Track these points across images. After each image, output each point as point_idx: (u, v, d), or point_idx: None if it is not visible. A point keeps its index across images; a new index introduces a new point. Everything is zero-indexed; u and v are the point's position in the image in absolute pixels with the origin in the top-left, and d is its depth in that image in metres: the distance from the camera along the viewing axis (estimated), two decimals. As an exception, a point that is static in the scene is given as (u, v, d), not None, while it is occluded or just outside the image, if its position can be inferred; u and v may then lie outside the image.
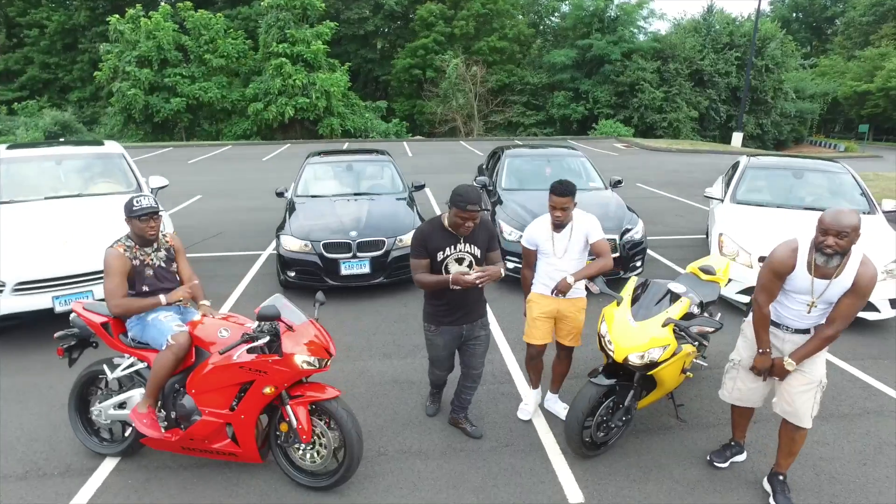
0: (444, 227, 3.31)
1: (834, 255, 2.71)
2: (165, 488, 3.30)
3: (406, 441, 3.75)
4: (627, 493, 3.25)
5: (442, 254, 3.30)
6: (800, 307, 2.94)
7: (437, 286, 3.30)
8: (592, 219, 3.68)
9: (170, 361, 3.13)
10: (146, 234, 3.34)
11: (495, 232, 3.49)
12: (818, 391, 3.03)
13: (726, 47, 32.81)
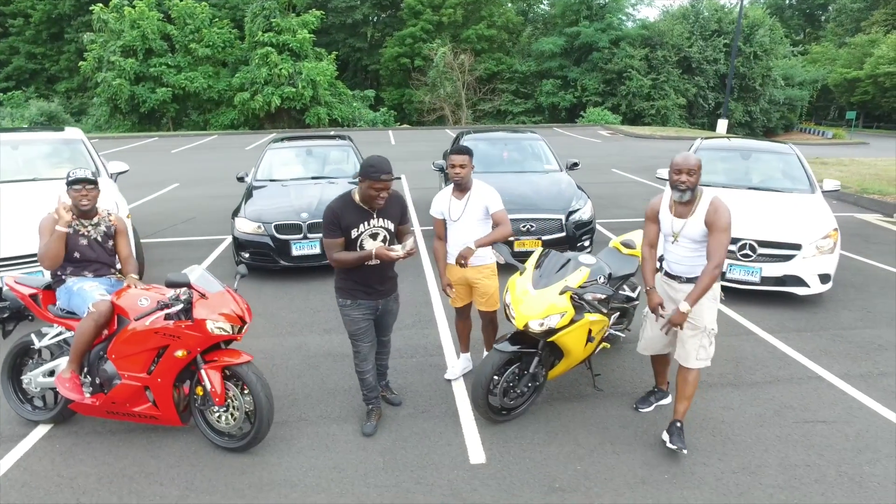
0: (356, 202, 3.29)
1: (685, 191, 3.21)
2: (92, 452, 3.47)
3: (328, 408, 3.93)
4: (528, 455, 3.43)
5: (356, 231, 3.29)
6: (670, 246, 3.42)
7: (358, 262, 3.27)
8: (492, 190, 3.85)
9: (90, 328, 3.30)
10: (79, 204, 3.54)
11: (406, 205, 3.58)
12: (704, 336, 3.38)
13: (714, 34, 32.84)
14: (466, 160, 3.72)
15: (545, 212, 6.45)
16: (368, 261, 3.27)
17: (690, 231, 3.28)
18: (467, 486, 3.16)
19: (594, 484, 3.18)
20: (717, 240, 3.21)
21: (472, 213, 3.80)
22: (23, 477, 3.25)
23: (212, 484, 3.17)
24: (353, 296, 3.45)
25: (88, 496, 3.09)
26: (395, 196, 3.45)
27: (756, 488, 3.15)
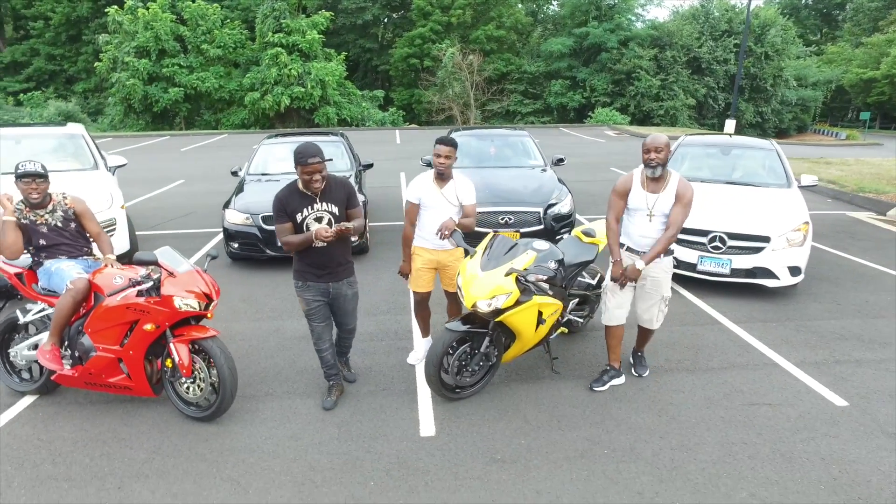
0: (300, 189, 3.52)
1: (656, 167, 3.61)
2: (71, 419, 3.72)
3: (294, 385, 4.15)
4: (476, 430, 3.61)
5: (300, 215, 3.50)
6: (642, 221, 3.77)
7: (303, 244, 3.49)
8: (470, 184, 4.07)
9: (68, 303, 3.55)
10: (29, 197, 3.74)
11: (353, 190, 3.72)
12: (662, 303, 3.97)
13: (725, 34, 32.65)
14: (451, 151, 3.90)
15: (524, 205, 6.62)
16: (314, 242, 3.47)
17: (663, 205, 3.69)
18: (413, 455, 3.35)
19: (534, 457, 3.35)
20: (679, 211, 3.68)
21: (452, 201, 3.99)
22: (6, 440, 3.51)
23: (177, 449, 3.40)
24: (305, 278, 3.68)
25: (63, 458, 3.34)
26: (341, 182, 3.68)
27: (690, 463, 3.30)
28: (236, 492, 3.05)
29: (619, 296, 3.95)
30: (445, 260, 4.11)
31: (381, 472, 3.21)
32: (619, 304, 3.98)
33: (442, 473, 3.20)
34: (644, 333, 4.21)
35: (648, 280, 3.90)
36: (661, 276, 3.87)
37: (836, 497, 3.02)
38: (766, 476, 3.19)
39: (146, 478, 3.16)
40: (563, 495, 3.03)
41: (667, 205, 3.70)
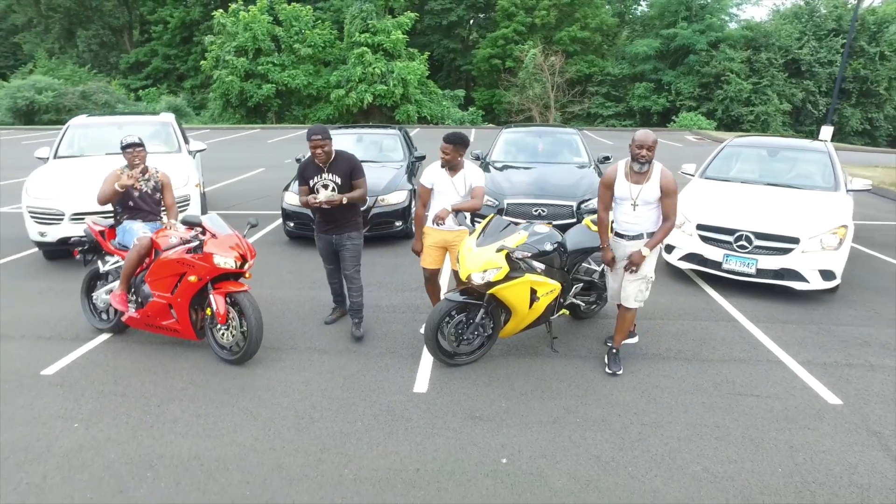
0: (315, 162, 4.47)
1: (644, 163, 3.85)
2: (132, 354, 4.48)
3: (316, 342, 4.71)
4: (464, 391, 3.99)
5: (312, 181, 4.50)
6: (628, 210, 4.01)
7: (304, 204, 4.54)
8: (478, 170, 4.47)
9: (134, 256, 4.30)
10: (132, 163, 4.58)
11: (358, 164, 4.56)
12: (643, 282, 4.13)
13: (831, 34, 30.43)
14: (450, 148, 4.34)
15: (558, 198, 6.87)
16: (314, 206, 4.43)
17: (647, 195, 3.93)
18: (401, 406, 3.79)
19: (510, 418, 3.69)
20: (671, 202, 3.93)
21: (459, 189, 4.42)
22: (84, 364, 4.31)
23: (208, 382, 4.04)
24: (318, 229, 4.74)
25: (121, 380, 4.07)
26: (347, 157, 4.58)
27: (655, 437, 3.51)
28: (248, 418, 3.62)
29: (616, 278, 4.24)
30: (452, 240, 4.51)
31: (369, 416, 3.67)
32: (617, 288, 4.25)
33: (422, 423, 3.61)
34: (622, 316, 4.26)
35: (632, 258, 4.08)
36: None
37: (790, 480, 3.14)
38: (727, 455, 3.35)
39: (179, 401, 3.81)
40: (524, 450, 3.36)
41: (651, 195, 3.92)
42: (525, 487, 3.05)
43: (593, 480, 3.12)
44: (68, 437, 3.42)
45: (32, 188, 6.47)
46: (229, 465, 3.18)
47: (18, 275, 6.36)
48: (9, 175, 13.30)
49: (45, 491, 2.97)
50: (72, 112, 27.97)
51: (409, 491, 3.00)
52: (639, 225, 4.02)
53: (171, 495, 2.95)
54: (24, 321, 5.10)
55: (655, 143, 3.82)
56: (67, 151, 7.50)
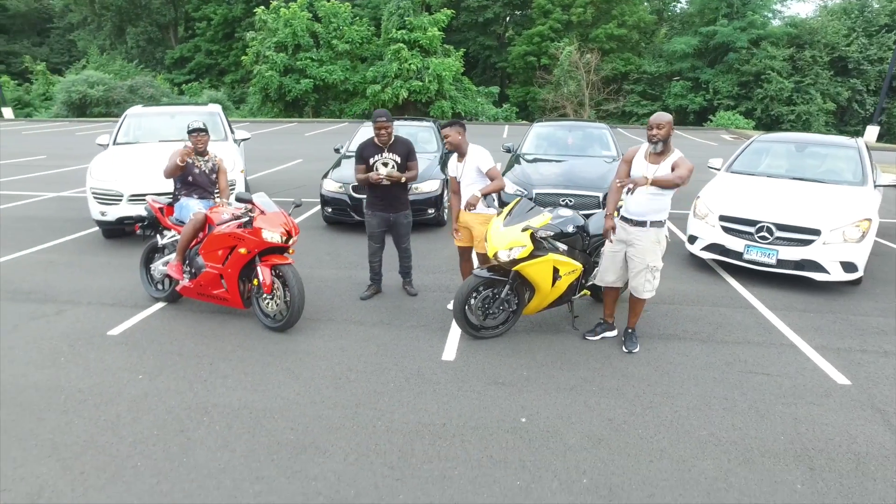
0: (375, 142, 4.96)
1: (658, 142, 3.97)
2: (185, 320, 4.92)
3: (354, 315, 5.08)
4: (489, 361, 4.30)
5: (372, 159, 4.98)
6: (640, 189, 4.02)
7: (364, 181, 4.98)
8: (483, 153, 4.75)
9: (189, 229, 4.73)
10: (196, 146, 5.04)
11: (412, 148, 5.08)
12: (648, 272, 4.27)
13: (883, 30, 29.44)
14: (449, 131, 4.70)
15: (585, 189, 7.10)
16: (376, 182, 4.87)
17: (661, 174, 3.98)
18: (430, 371, 4.12)
19: (530, 385, 3.98)
20: (681, 167, 3.91)
21: (469, 172, 4.75)
22: (144, 327, 4.77)
23: (254, 346, 4.45)
24: (372, 208, 5.17)
25: (178, 342, 4.50)
26: (404, 140, 5.09)
27: (666, 405, 3.76)
28: (289, 377, 4.00)
29: (610, 260, 4.41)
30: (472, 223, 4.84)
31: (400, 378, 4.02)
32: (607, 268, 4.46)
33: (448, 386, 3.93)
34: (634, 304, 4.45)
35: (635, 247, 4.22)
36: (645, 245, 4.18)
37: (790, 446, 3.35)
38: (733, 423, 3.57)
39: (229, 361, 4.21)
40: (542, 412, 3.65)
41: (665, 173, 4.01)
42: (542, 443, 3.34)
43: (605, 439, 3.39)
44: (134, 386, 3.85)
45: (95, 171, 7.03)
46: (275, 414, 3.56)
47: (81, 251, 6.92)
48: (68, 163, 14.15)
49: (119, 427, 3.40)
50: (120, 105, 29.25)
51: (436, 441, 3.32)
52: (644, 207, 4.12)
53: (224, 435, 3.34)
54: (88, 290, 5.61)
55: (669, 123, 3.94)
56: (125, 138, 8.08)
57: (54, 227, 7.95)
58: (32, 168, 13.25)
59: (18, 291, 5.55)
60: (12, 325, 4.79)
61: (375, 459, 3.15)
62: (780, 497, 2.93)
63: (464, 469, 3.09)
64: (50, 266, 6.34)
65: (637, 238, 4.23)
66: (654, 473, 3.10)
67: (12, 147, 17.59)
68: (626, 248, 4.31)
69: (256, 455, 3.17)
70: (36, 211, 8.97)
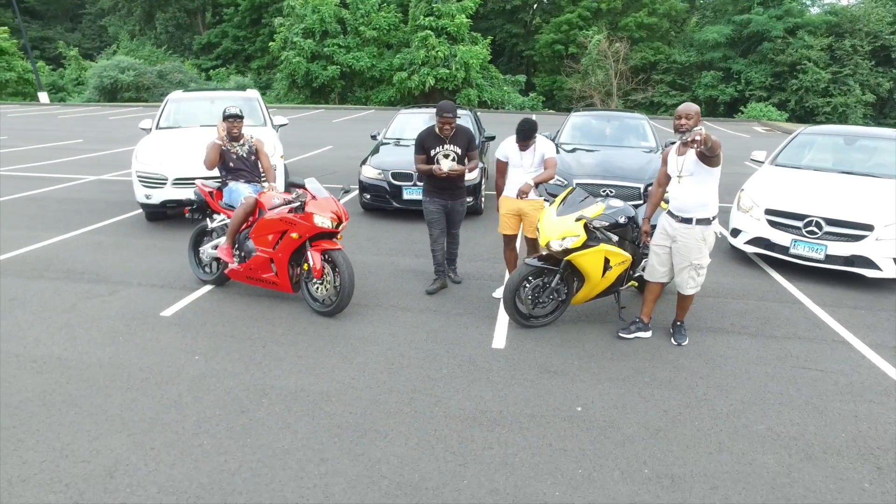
0: (436, 133, 4.89)
1: (685, 132, 3.78)
2: (235, 302, 5.00)
3: (400, 301, 5.11)
4: (539, 350, 4.30)
5: (433, 151, 4.92)
6: (674, 183, 4.09)
7: (426, 172, 4.97)
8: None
9: (240, 213, 4.79)
10: (231, 132, 5.07)
11: (473, 138, 5.04)
12: (691, 269, 4.20)
13: (932, 16, 28.38)
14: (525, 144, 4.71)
15: (626, 180, 7.03)
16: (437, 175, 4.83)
17: (689, 165, 3.96)
18: (481, 359, 4.14)
19: (582, 374, 3.98)
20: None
21: (533, 161, 4.74)
22: (195, 309, 4.86)
23: (305, 329, 4.50)
24: (431, 195, 5.13)
25: (230, 324, 4.58)
26: (465, 131, 5.04)
27: (720, 399, 3.73)
28: (343, 361, 4.05)
29: (656, 256, 4.33)
30: (526, 209, 4.85)
31: (453, 365, 4.04)
32: (653, 264, 4.36)
33: (502, 373, 3.95)
34: (682, 299, 4.41)
35: (679, 243, 4.13)
36: (689, 243, 4.09)
37: (853, 443, 3.31)
38: (790, 419, 3.53)
39: (282, 344, 4.28)
40: (597, 402, 3.65)
41: (692, 164, 3.94)
42: (599, 432, 3.34)
43: (662, 430, 3.38)
44: (192, 367, 3.93)
45: (141, 155, 7.14)
46: (332, 397, 3.61)
47: (126, 232, 7.06)
48: (104, 147, 14.40)
49: (182, 406, 3.48)
50: (149, 90, 29.65)
51: (494, 428, 3.34)
52: (685, 203, 4.03)
53: (285, 417, 3.39)
54: (137, 271, 5.72)
55: (697, 113, 3.84)
56: (167, 123, 8.19)
57: (98, 210, 8.11)
58: (72, 152, 13.52)
59: (73, 271, 5.69)
60: (70, 304, 4.91)
61: (436, 445, 3.18)
62: (847, 496, 2.89)
63: (525, 456, 3.10)
64: (98, 247, 6.48)
65: (682, 235, 4.13)
66: (715, 466, 3.08)
67: (51, 131, 17.96)
68: (671, 244, 4.25)
69: (318, 437, 3.22)
70: (79, 193, 9.16)
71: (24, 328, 4.47)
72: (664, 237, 4.28)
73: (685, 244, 4.11)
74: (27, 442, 3.12)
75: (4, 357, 4.03)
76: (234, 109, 5.08)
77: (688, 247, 4.11)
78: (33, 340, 4.27)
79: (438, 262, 5.31)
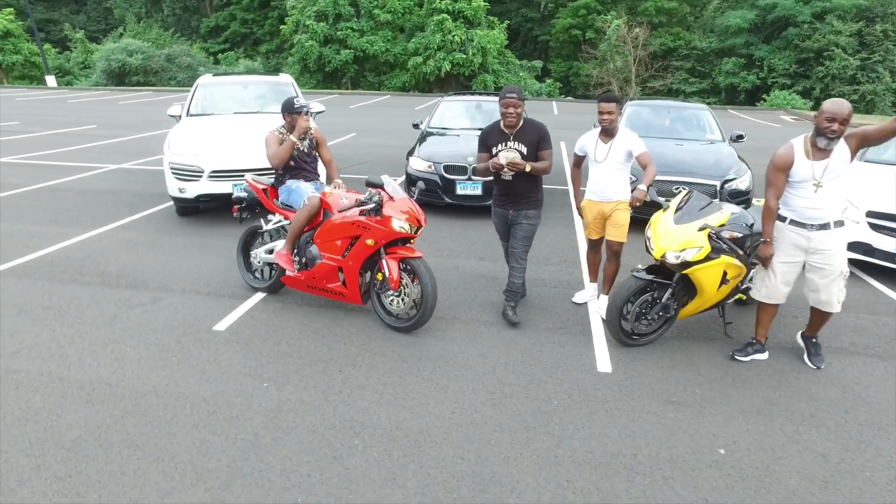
0: (500, 128, 4.16)
1: (834, 139, 3.33)
2: (294, 314, 4.47)
3: (478, 314, 4.58)
4: (651, 374, 3.78)
5: (496, 148, 4.16)
6: (808, 193, 3.50)
7: (485, 170, 4.21)
8: (635, 137, 4.25)
9: (304, 216, 4.24)
10: (298, 124, 4.48)
11: (546, 134, 4.14)
12: (840, 279, 3.64)
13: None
14: (614, 108, 4.16)
15: (700, 177, 6.46)
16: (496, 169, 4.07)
17: (836, 167, 3.42)
18: (592, 385, 3.61)
19: (709, 405, 3.45)
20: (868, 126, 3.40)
21: (615, 156, 4.25)
22: (250, 322, 4.33)
23: (382, 349, 3.97)
24: (494, 202, 4.43)
25: (294, 342, 4.05)
26: (535, 124, 4.17)
27: (882, 440, 3.20)
28: (436, 390, 3.52)
29: (784, 273, 3.72)
30: (610, 210, 4.35)
31: (561, 393, 3.51)
32: (786, 281, 3.75)
33: (620, 404, 3.42)
34: (822, 318, 3.84)
35: (821, 254, 3.59)
36: (835, 250, 3.56)
37: None
38: (973, 466, 3.01)
39: (360, 367, 3.75)
40: (739, 442, 3.12)
41: (839, 166, 3.40)
42: (756, 483, 2.82)
43: (830, 482, 2.85)
44: (263, 397, 3.41)
45: (174, 145, 6.58)
46: (435, 437, 3.09)
47: (157, 229, 6.53)
48: (120, 133, 13.82)
49: (261, 450, 2.96)
50: (158, 74, 28.96)
51: (634, 477, 2.82)
52: (823, 210, 3.52)
53: (387, 464, 2.87)
54: (178, 275, 5.20)
55: (850, 114, 3.28)
56: (198, 110, 7.60)
57: (124, 202, 7.57)
58: (87, 138, 12.95)
59: (108, 275, 5.17)
60: (112, 315, 4.39)
61: (576, 500, 2.66)
62: None
63: (686, 519, 2.59)
64: (131, 246, 5.95)
65: (823, 244, 3.59)
66: (913, 533, 2.56)
67: (62, 116, 17.37)
68: (804, 258, 3.69)
69: (433, 491, 2.70)
70: (101, 183, 8.61)
71: (65, 345, 3.95)
72: (794, 252, 3.69)
73: (830, 252, 3.58)
74: (89, 497, 2.61)
75: (48, 381, 3.51)
76: (302, 100, 4.52)
77: (833, 254, 3.59)
78: (77, 361, 3.75)
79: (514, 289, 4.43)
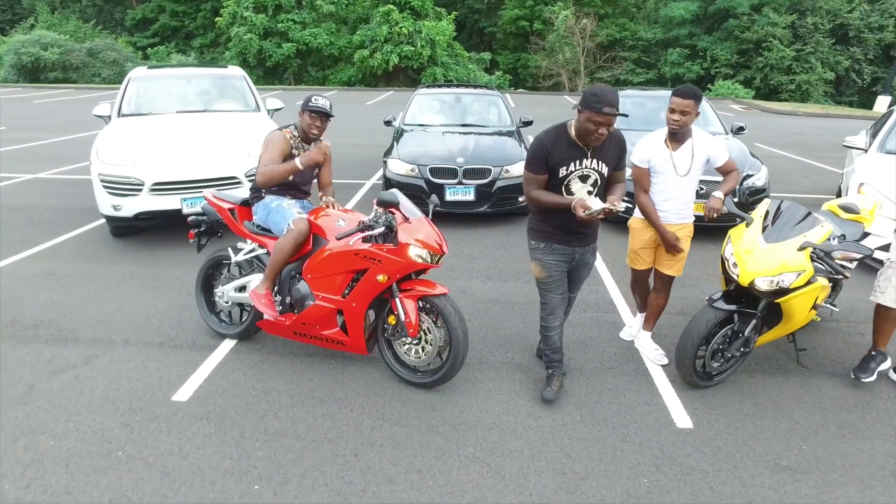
0: (570, 136, 2.85)
1: None
2: (277, 371, 3.48)
3: (507, 354, 3.73)
4: (740, 426, 3.05)
5: (565, 169, 2.86)
6: None
7: (555, 207, 2.89)
8: (714, 140, 3.40)
9: (289, 245, 3.27)
10: (310, 131, 3.48)
11: (626, 148, 3.04)
12: None
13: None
14: (691, 105, 3.15)
15: (717, 174, 5.83)
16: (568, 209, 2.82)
17: None
18: (679, 450, 2.84)
19: (829, 469, 2.75)
20: None
21: (683, 165, 3.31)
22: (221, 384, 3.32)
23: (403, 416, 3.06)
24: (549, 239, 3.07)
25: (285, 412, 3.08)
26: (617, 137, 2.98)
27: None
28: (489, 473, 2.66)
29: None
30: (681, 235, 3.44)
31: (648, 466, 2.72)
32: None
33: (723, 476, 2.67)
34: None
35: None
36: None
37: None
38: None
39: (380, 447, 2.83)
40: (894, 526, 2.43)
41: None
42: None
43: None
44: (254, 504, 2.45)
45: (105, 152, 5.38)
46: (505, 553, 2.23)
47: (87, 256, 5.33)
48: (35, 137, 12.13)
49: None
50: (79, 70, 26.53)
51: None
52: None
53: None
54: (116, 319, 4.10)
55: None
56: (131, 108, 6.37)
57: (42, 221, 6.28)
58: (-6, 143, 11.23)
59: (22, 325, 4.00)
60: (26, 387, 3.27)
61: None
62: None
63: None
64: (53, 280, 4.76)
65: None
66: None
67: (-38, 118, 15.28)
68: None
69: None
70: (14, 198, 7.21)
71: (-39, 440, 2.84)
72: None
73: None
74: None
75: (-69, 509, 2.42)
76: (324, 102, 3.46)
77: None
78: (-22, 466, 2.66)
79: (554, 348, 3.23)
